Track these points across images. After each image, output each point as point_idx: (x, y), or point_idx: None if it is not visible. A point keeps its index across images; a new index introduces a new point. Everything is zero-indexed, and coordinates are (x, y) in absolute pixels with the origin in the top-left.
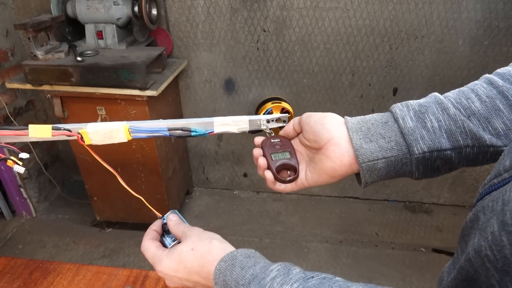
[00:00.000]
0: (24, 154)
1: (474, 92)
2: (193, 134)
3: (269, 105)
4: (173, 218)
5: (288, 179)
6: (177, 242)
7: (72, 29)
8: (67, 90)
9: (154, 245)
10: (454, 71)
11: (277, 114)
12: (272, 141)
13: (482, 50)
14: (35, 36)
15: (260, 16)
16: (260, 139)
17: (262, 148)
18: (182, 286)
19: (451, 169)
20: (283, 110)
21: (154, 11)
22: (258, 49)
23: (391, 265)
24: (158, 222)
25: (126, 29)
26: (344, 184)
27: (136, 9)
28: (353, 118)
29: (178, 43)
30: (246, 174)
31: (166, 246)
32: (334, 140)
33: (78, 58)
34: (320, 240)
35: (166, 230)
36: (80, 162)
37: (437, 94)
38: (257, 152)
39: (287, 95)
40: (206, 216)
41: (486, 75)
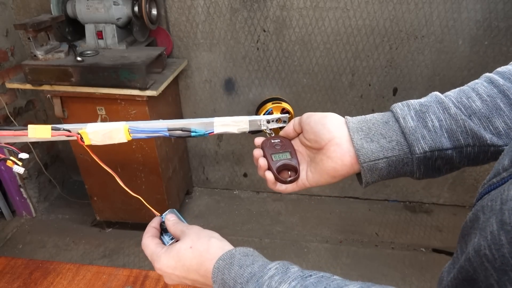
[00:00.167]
0: (23, 155)
1: (475, 91)
2: (193, 134)
3: (269, 105)
4: (171, 218)
5: (289, 180)
6: (175, 240)
7: (72, 29)
8: (67, 90)
9: (154, 242)
10: (454, 71)
11: (277, 115)
12: (272, 141)
13: (482, 50)
14: (35, 36)
15: (260, 16)
16: (260, 140)
17: (262, 148)
18: (180, 283)
19: (452, 169)
20: (283, 111)
21: (154, 11)
22: (258, 49)
23: (391, 265)
24: (157, 219)
25: (126, 29)
26: (344, 184)
27: (136, 9)
28: (353, 118)
29: (178, 43)
30: (246, 174)
31: (164, 244)
32: (335, 140)
33: (78, 58)
34: (320, 240)
35: (164, 229)
36: (80, 162)
37: (437, 93)
38: (257, 152)
39: (287, 95)
40: (206, 216)
41: (487, 74)
